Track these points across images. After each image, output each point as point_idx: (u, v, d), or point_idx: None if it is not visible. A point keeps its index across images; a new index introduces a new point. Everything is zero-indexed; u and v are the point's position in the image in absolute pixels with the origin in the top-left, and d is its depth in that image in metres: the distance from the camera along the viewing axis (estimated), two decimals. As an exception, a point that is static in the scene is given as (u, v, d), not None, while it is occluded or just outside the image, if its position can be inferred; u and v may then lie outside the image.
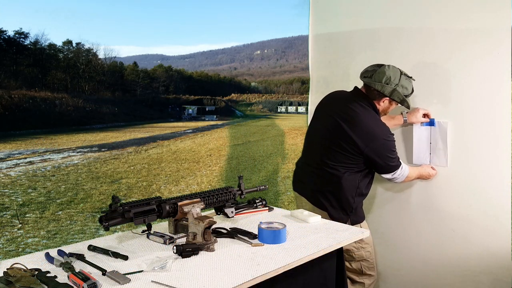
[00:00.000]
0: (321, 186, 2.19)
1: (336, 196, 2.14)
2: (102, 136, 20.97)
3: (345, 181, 2.12)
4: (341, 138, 2.10)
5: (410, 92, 2.13)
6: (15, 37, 42.64)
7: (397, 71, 2.10)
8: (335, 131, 2.13)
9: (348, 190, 2.13)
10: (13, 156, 13.64)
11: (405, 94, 2.09)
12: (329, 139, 2.15)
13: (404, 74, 2.10)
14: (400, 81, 2.07)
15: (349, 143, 2.08)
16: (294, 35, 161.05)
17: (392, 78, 2.07)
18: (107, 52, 76.43)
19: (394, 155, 2.14)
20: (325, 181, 2.16)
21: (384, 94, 2.09)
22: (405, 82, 2.09)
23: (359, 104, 2.13)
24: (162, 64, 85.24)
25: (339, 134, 2.11)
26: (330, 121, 2.17)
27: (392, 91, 2.07)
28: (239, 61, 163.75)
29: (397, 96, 2.08)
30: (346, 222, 2.08)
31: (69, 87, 43.41)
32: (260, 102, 66.05)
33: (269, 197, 7.23)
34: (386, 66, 2.10)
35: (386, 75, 2.07)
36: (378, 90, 2.08)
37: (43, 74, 42.03)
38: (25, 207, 7.01)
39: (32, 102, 31.37)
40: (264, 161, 12.25)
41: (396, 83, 2.07)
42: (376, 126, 2.10)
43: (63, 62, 46.52)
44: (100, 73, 48.85)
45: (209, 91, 65.17)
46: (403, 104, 2.13)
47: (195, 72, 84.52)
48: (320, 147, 2.20)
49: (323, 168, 2.16)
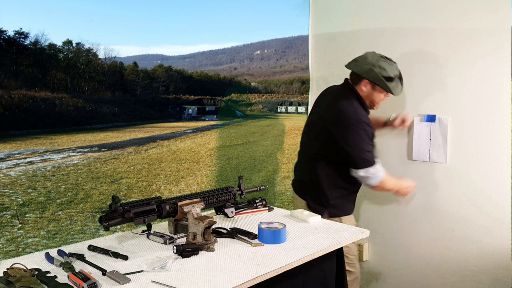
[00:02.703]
0: (303, 176, 2.26)
1: (314, 187, 2.16)
2: (102, 136, 20.96)
3: (322, 171, 2.12)
4: (318, 122, 2.15)
5: (394, 78, 2.05)
6: (15, 37, 42.71)
7: (376, 54, 2.09)
8: (317, 120, 2.17)
9: (324, 180, 2.13)
10: (13, 156, 13.64)
11: (383, 75, 2.02)
12: (312, 129, 2.21)
13: (383, 57, 2.08)
14: (377, 62, 2.04)
15: (320, 126, 2.11)
16: (294, 35, 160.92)
17: (369, 59, 2.06)
18: (107, 52, 76.55)
19: (367, 148, 2.04)
20: (306, 171, 2.23)
21: (362, 75, 2.07)
22: (383, 64, 2.04)
23: (341, 93, 2.15)
24: (162, 64, 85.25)
25: (317, 120, 2.16)
26: (315, 114, 2.23)
27: (369, 70, 2.04)
28: (239, 61, 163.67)
29: (373, 77, 2.04)
30: (322, 214, 2.02)
31: (69, 87, 43.45)
32: (260, 102, 66.09)
33: (269, 197, 7.23)
34: (366, 52, 2.12)
35: (363, 57, 2.09)
36: (356, 71, 2.09)
37: (43, 74, 42.06)
38: (25, 207, 7.01)
39: (32, 102, 31.39)
40: (264, 161, 12.24)
41: (372, 63, 2.04)
42: (348, 109, 2.06)
43: (63, 62, 46.56)
44: (100, 73, 48.88)
45: (209, 91, 65.24)
46: (386, 89, 2.06)
47: (195, 72, 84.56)
48: (307, 139, 2.25)
49: (306, 159, 2.24)
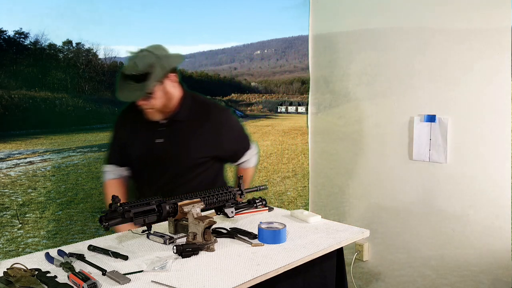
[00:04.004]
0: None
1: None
2: (102, 136, 20.92)
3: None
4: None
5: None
6: (15, 37, 42.70)
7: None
8: None
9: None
10: (13, 156, 13.64)
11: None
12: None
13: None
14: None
15: None
16: (294, 35, 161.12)
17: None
18: (107, 52, 76.49)
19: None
20: None
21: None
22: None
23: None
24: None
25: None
26: None
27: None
28: (239, 61, 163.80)
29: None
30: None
31: (69, 87, 43.39)
32: (260, 102, 66.10)
33: (269, 197, 7.22)
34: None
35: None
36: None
37: (43, 74, 42.01)
38: (25, 207, 7.01)
39: (32, 102, 31.36)
40: (264, 161, 12.24)
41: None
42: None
43: (63, 62, 46.52)
44: (100, 73, 48.85)
45: (209, 91, 65.25)
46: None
47: (195, 72, 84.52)
48: None
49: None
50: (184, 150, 1.91)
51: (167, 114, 1.90)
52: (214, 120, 1.95)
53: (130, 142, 1.98)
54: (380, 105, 2.62)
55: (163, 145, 1.90)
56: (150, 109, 1.84)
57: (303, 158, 12.36)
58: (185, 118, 1.91)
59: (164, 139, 1.90)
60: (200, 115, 1.94)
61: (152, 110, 1.85)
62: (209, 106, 2.00)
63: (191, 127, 1.92)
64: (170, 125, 1.91)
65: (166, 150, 1.90)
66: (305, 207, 5.09)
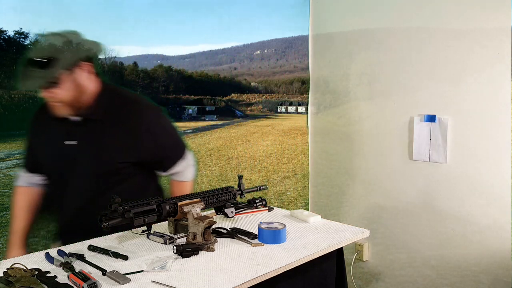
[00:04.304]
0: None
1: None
2: (102, 136, 20.86)
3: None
4: None
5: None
6: (15, 37, 42.70)
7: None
8: None
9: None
10: (13, 156, 13.63)
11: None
12: None
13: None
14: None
15: None
16: (294, 35, 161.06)
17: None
18: (107, 52, 76.46)
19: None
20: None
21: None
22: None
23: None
24: (162, 64, 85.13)
25: None
26: None
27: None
28: (239, 61, 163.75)
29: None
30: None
31: (69, 87, 43.26)
32: (260, 102, 66.12)
33: (269, 197, 7.22)
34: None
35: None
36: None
37: (43, 74, 41.85)
38: (25, 207, 7.01)
39: (32, 102, 31.38)
40: (264, 161, 12.24)
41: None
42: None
43: (63, 62, 46.45)
44: (100, 73, 48.79)
45: (209, 91, 65.25)
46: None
47: (195, 72, 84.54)
48: None
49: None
50: (98, 154, 1.66)
51: (79, 110, 1.64)
52: (136, 120, 1.68)
53: (40, 144, 1.76)
54: (380, 105, 2.62)
55: (75, 148, 1.66)
56: (56, 102, 1.60)
57: (303, 158, 12.37)
58: (100, 116, 1.66)
59: (76, 140, 1.67)
60: (120, 113, 1.68)
61: (59, 103, 1.61)
62: (132, 104, 1.72)
63: (107, 127, 1.66)
64: (83, 124, 1.66)
65: (78, 153, 1.66)
66: (305, 207, 5.09)
